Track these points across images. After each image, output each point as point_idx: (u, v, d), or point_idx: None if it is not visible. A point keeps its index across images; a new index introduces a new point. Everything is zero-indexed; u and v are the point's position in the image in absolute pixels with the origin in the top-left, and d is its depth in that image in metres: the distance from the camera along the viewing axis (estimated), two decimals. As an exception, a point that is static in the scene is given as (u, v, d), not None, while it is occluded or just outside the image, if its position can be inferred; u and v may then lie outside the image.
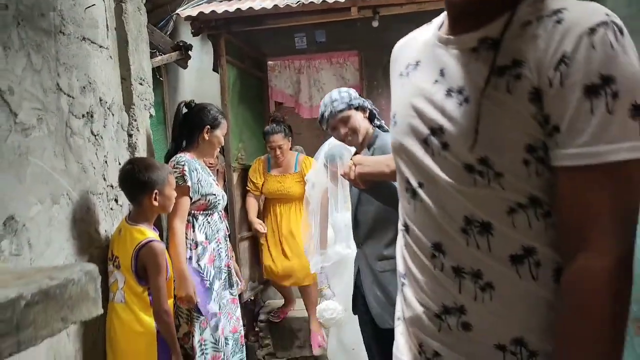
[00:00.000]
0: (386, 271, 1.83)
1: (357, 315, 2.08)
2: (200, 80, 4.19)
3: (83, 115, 1.74)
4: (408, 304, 0.93)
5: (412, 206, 0.90)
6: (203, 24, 3.35)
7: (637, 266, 0.74)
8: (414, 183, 0.89)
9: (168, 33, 3.65)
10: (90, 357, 1.73)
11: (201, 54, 4.06)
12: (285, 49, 4.35)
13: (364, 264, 1.93)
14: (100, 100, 1.87)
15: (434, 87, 0.85)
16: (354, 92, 1.97)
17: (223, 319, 2.30)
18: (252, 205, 3.62)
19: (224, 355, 2.26)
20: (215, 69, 3.68)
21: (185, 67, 3.50)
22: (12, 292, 0.60)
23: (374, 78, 4.28)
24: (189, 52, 3.37)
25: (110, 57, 2.02)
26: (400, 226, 0.98)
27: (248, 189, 3.61)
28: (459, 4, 0.82)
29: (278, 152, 3.42)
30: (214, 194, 2.31)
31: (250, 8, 3.23)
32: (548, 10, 0.74)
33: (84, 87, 1.76)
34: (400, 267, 0.98)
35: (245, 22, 3.46)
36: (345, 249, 2.73)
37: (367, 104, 1.99)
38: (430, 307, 0.87)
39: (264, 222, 3.62)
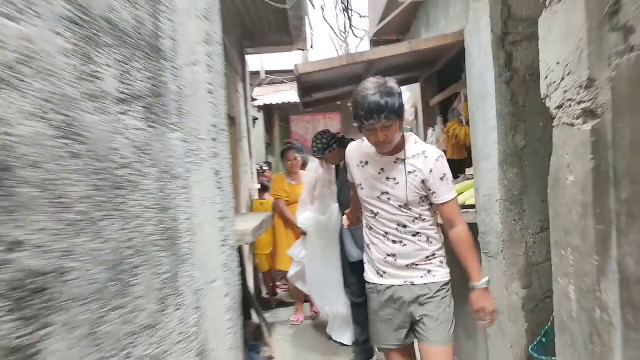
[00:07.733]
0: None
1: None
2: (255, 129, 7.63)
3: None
4: (373, 253, 2.08)
5: (374, 219, 2.03)
6: (263, 107, 6.80)
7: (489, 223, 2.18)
8: (374, 212, 2.02)
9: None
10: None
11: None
12: (300, 110, 7.81)
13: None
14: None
15: (379, 174, 1.99)
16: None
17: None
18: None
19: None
20: (265, 125, 7.09)
21: (253, 127, 6.87)
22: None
23: (349, 127, 7.77)
24: (255, 120, 6.76)
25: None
26: (367, 221, 2.09)
27: (279, 197, 4.29)
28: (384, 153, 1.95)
29: (294, 162, 4.35)
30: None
31: (288, 101, 6.73)
32: (420, 150, 1.95)
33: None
34: (366, 238, 2.11)
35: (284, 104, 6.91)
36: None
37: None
38: (382, 253, 2.03)
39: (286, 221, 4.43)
